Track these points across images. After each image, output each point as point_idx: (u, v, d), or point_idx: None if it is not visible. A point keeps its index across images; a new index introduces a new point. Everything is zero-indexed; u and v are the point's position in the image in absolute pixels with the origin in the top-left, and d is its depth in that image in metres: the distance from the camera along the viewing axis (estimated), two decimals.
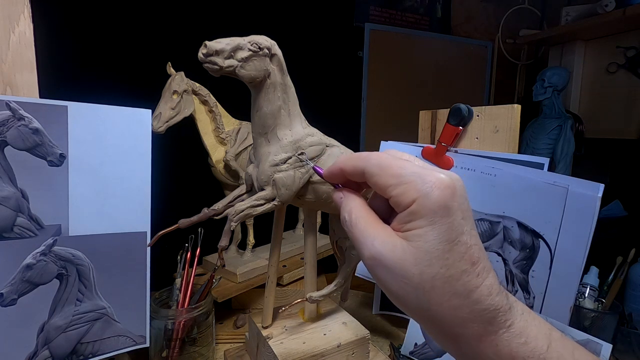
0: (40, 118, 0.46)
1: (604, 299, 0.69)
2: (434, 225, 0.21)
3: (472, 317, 0.21)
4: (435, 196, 0.21)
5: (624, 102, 1.09)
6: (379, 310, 0.81)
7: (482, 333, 0.21)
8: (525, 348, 0.22)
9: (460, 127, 0.64)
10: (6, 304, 0.45)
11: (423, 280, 0.21)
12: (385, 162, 0.23)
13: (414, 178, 0.22)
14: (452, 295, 0.21)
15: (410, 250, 0.21)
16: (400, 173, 0.22)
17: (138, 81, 0.76)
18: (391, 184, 0.22)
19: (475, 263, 0.21)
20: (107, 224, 0.51)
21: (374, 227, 0.24)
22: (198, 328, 0.58)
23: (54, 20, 0.73)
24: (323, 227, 0.86)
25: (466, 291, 0.21)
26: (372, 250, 0.23)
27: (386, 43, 1.16)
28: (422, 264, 0.21)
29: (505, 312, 0.22)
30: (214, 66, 0.37)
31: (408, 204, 0.22)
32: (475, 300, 0.21)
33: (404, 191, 0.22)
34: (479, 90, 1.34)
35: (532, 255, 0.54)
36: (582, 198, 0.50)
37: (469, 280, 0.21)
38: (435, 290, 0.21)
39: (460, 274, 0.21)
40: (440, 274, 0.21)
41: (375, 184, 0.24)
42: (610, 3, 1.00)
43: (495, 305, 0.21)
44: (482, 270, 0.22)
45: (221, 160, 0.72)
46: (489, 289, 0.22)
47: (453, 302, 0.21)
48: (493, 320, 0.21)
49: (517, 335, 0.22)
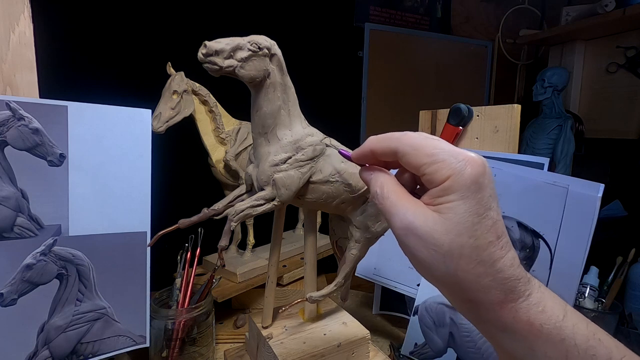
0: (40, 118, 0.46)
1: (604, 299, 0.69)
2: (465, 199, 0.23)
3: (495, 285, 0.23)
4: (468, 173, 0.23)
5: (624, 102, 1.09)
6: (379, 310, 0.81)
7: (502, 300, 0.23)
8: (542, 316, 0.23)
9: (460, 127, 0.64)
10: (6, 304, 0.45)
11: (452, 249, 0.23)
12: (419, 142, 0.25)
13: (447, 156, 0.23)
14: (478, 264, 0.23)
15: (442, 222, 0.23)
16: (433, 152, 0.24)
17: (138, 81, 0.76)
18: (425, 162, 0.24)
19: (500, 237, 0.23)
20: (107, 224, 0.51)
21: (406, 199, 0.25)
22: (198, 328, 0.58)
23: (54, 20, 0.73)
24: (323, 227, 0.86)
25: (491, 260, 0.23)
26: (405, 220, 0.24)
27: (386, 43, 1.16)
28: (452, 234, 0.23)
29: (525, 283, 0.24)
30: (213, 66, 0.37)
31: (442, 181, 0.23)
32: (498, 269, 0.23)
33: (438, 169, 0.23)
34: (479, 90, 1.34)
35: (532, 255, 0.54)
36: (582, 198, 0.50)
37: (494, 251, 0.23)
38: (462, 258, 0.23)
39: (487, 244, 0.23)
40: (469, 244, 0.23)
41: (408, 163, 0.25)
42: (610, 3, 1.00)
43: (516, 276, 0.23)
44: (506, 244, 0.24)
45: (221, 160, 0.72)
46: (511, 260, 0.23)
47: (478, 270, 0.23)
48: (514, 288, 0.23)
49: (535, 304, 0.23)
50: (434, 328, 0.61)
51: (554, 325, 0.23)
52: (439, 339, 0.60)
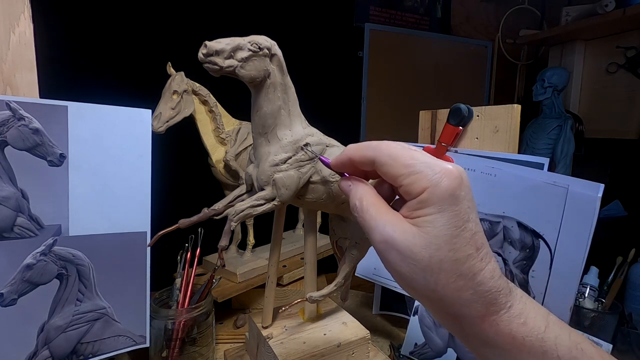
0: (40, 118, 0.46)
1: (604, 299, 0.69)
2: (442, 212, 0.22)
3: (476, 298, 0.23)
4: (445, 185, 0.22)
5: (624, 102, 1.09)
6: (379, 310, 0.81)
7: (484, 313, 0.23)
8: (524, 328, 0.23)
9: (460, 127, 0.64)
10: (6, 304, 0.45)
11: (432, 263, 0.22)
12: (396, 152, 0.24)
13: (424, 168, 0.23)
14: (458, 277, 0.22)
15: (420, 235, 0.23)
16: (410, 163, 0.23)
17: (138, 81, 0.76)
18: (402, 173, 0.23)
19: (479, 248, 0.23)
20: (107, 224, 0.51)
21: (385, 213, 0.25)
22: (198, 328, 0.58)
23: (54, 20, 0.73)
24: (323, 227, 0.86)
25: (471, 273, 0.22)
26: (384, 234, 0.24)
27: (386, 43, 1.16)
28: (431, 248, 0.22)
29: (506, 295, 0.23)
30: (214, 66, 0.37)
31: (419, 193, 0.23)
32: (479, 282, 0.23)
33: (415, 180, 0.23)
34: (479, 90, 1.34)
35: (532, 255, 0.54)
36: (582, 198, 0.50)
37: (474, 263, 0.23)
38: (442, 272, 0.22)
39: (466, 257, 0.22)
40: (448, 257, 0.22)
41: (386, 173, 0.25)
42: (610, 3, 1.00)
43: (497, 288, 0.23)
44: (485, 255, 0.23)
45: (221, 160, 0.72)
46: (491, 272, 0.23)
47: (458, 283, 0.22)
48: (495, 301, 0.23)
49: (516, 316, 0.23)
50: (434, 328, 0.61)
51: (536, 337, 0.23)
52: (439, 339, 0.60)
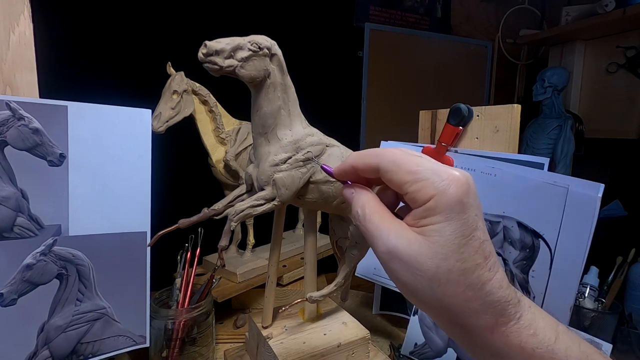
0: (40, 118, 0.46)
1: (604, 299, 0.69)
2: (450, 221, 0.22)
3: (484, 309, 0.22)
4: (452, 192, 0.22)
5: (624, 102, 1.09)
6: (379, 310, 0.81)
7: (493, 324, 0.22)
8: (534, 339, 0.22)
9: (460, 127, 0.64)
10: (6, 304, 0.45)
11: (439, 273, 0.22)
12: (400, 158, 0.23)
13: (430, 175, 0.22)
14: (466, 287, 0.22)
15: (427, 245, 0.22)
16: (416, 170, 0.23)
17: (138, 81, 0.76)
18: (407, 180, 0.23)
19: (487, 257, 0.22)
20: (107, 224, 0.51)
21: (388, 221, 0.24)
22: (198, 328, 0.58)
23: (54, 20, 0.73)
24: (323, 227, 0.86)
25: (480, 283, 0.22)
26: (388, 244, 0.23)
27: (386, 43, 1.16)
28: (438, 258, 0.22)
29: (515, 305, 0.23)
30: (214, 66, 0.37)
31: (425, 201, 0.22)
32: (487, 292, 0.22)
33: (421, 188, 0.22)
34: (479, 90, 1.34)
35: (532, 255, 0.54)
36: (582, 198, 0.50)
37: (482, 273, 0.22)
38: (450, 283, 0.22)
39: (475, 267, 0.22)
40: (456, 267, 0.22)
41: (391, 181, 0.24)
42: (610, 3, 1.00)
43: (505, 298, 0.22)
44: (494, 264, 0.23)
45: (221, 160, 0.72)
46: (499, 282, 0.22)
47: (467, 294, 0.22)
48: (504, 311, 0.22)
49: (526, 327, 0.22)
50: (434, 328, 0.61)
51: (547, 348, 0.22)
52: (439, 339, 0.60)
